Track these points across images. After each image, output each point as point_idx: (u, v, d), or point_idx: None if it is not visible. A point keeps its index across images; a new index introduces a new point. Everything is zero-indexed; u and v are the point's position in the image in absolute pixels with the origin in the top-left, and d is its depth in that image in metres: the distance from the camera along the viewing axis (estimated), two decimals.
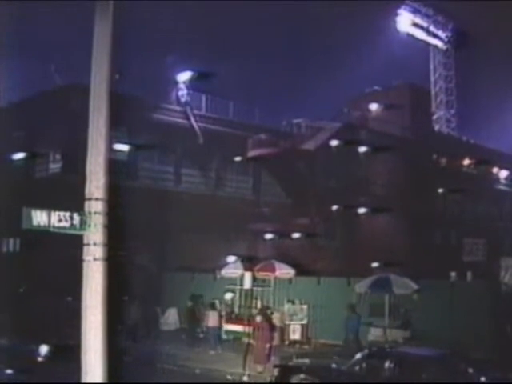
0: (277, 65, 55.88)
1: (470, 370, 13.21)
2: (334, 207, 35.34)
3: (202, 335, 24.03)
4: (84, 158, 8.36)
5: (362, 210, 34.98)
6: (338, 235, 37.55)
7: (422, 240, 36.15)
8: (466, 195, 40.54)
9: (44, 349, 14.89)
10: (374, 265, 26.90)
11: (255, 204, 37.90)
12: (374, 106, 39.43)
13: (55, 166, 32.22)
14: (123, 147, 28.77)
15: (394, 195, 35.79)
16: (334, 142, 35.40)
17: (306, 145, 37.76)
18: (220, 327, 23.35)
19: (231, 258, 26.15)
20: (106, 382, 7.93)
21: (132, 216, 22.66)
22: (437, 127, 50.26)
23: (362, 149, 35.42)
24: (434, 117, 50.21)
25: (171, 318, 26.40)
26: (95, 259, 7.99)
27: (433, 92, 51.08)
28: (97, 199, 8.11)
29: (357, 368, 13.95)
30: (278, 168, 37.85)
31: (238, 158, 37.70)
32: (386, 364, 13.45)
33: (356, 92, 43.36)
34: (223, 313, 24.51)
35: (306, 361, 16.14)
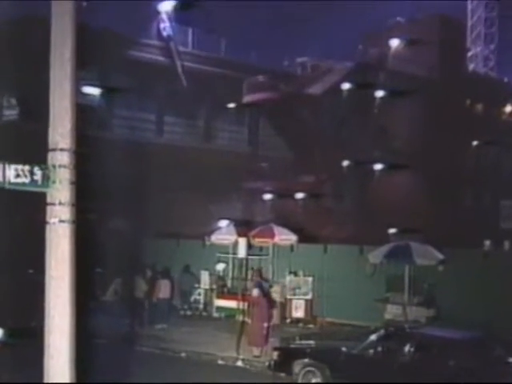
0: None
1: (510, 359, 13.24)
2: (345, 163, 35.30)
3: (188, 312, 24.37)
4: (46, 102, 8.14)
5: (377, 167, 34.96)
6: (349, 196, 37.64)
7: (449, 202, 36.14)
8: (505, 149, 40.43)
9: None
10: (392, 230, 26.97)
11: (251, 159, 37.84)
12: (395, 42, 38.98)
13: (10, 113, 31.98)
14: (94, 90, 28.47)
15: (416, 149, 35.68)
16: (346, 85, 35.20)
17: (312, 88, 37.52)
18: (171, 298, 23.51)
19: (223, 222, 26.16)
20: (74, 367, 7.87)
21: (105, 171, 22.55)
22: (472, 66, 49.65)
23: (379, 93, 35.23)
24: (469, 54, 49.53)
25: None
26: (61, 221, 7.83)
27: (469, 24, 50.07)
28: (62, 150, 7.90)
29: (371, 352, 14.01)
30: (279, 116, 37.73)
31: (231, 105, 37.52)
32: (406, 347, 13.50)
33: (374, 25, 42.82)
34: (214, 286, 24.65)
35: (311, 343, 16.22)
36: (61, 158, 7.91)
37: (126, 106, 34.58)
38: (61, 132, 7.95)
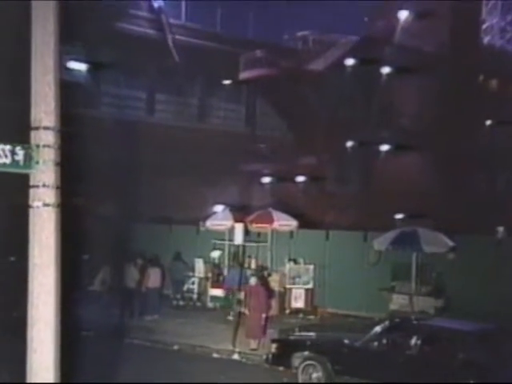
0: None
1: None
2: (348, 143, 35.22)
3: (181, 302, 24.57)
4: (28, 77, 8.11)
5: (383, 147, 34.87)
6: (353, 179, 37.56)
7: (460, 185, 36.02)
8: None
9: None
10: (398, 216, 26.94)
11: (249, 139, 37.80)
12: (403, 14, 38.70)
13: None
14: (79, 65, 28.32)
15: (425, 128, 35.54)
16: (350, 61, 35.01)
17: (314, 64, 37.39)
18: (162, 287, 23.64)
19: (218, 207, 26.14)
20: (59, 362, 7.87)
21: (92, 152, 22.47)
22: (487, 39, 49.23)
23: (386, 69, 35.06)
24: (484, 26, 49.11)
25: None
26: (45, 205, 7.81)
27: None
28: (46, 128, 7.87)
29: (375, 344, 14.05)
30: (278, 94, 37.56)
31: (226, 81, 37.39)
32: (413, 340, 13.52)
33: None
34: (209, 274, 24.69)
35: (312, 335, 16.28)
36: (45, 138, 7.88)
37: (114, 83, 34.46)
38: (44, 109, 7.90)
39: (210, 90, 38.93)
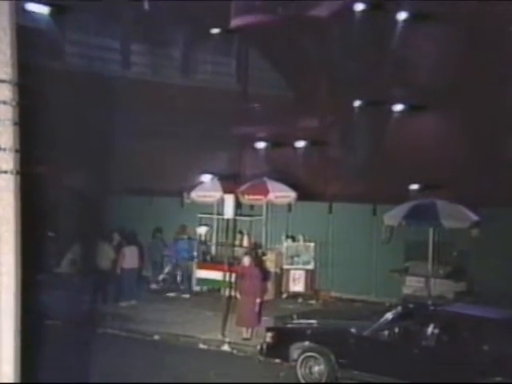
0: None
1: None
2: (356, 103, 35.15)
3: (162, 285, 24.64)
4: None
5: (396, 108, 34.81)
6: (361, 143, 37.56)
7: (486, 151, 36.02)
8: None
9: None
10: (413, 186, 26.96)
11: (240, 98, 37.66)
12: None
13: None
14: (41, 8, 28.00)
15: (444, 85, 35.51)
16: (359, 6, 34.81)
17: (316, 10, 37.15)
18: (140, 269, 23.72)
19: (205, 176, 26.15)
20: (19, 354, 7.86)
21: (58, 111, 22.36)
22: None
23: (401, 15, 34.85)
24: None
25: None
26: (2, 172, 7.73)
27: None
28: (2, 81, 7.79)
29: (385, 333, 14.12)
30: (275, 45, 37.40)
31: (215, 30, 37.17)
32: (429, 329, 13.60)
33: None
34: (195, 253, 24.75)
35: (313, 322, 16.34)
36: (0, 92, 7.81)
37: (82, 29, 34.17)
38: None
39: (195, 40, 38.69)
